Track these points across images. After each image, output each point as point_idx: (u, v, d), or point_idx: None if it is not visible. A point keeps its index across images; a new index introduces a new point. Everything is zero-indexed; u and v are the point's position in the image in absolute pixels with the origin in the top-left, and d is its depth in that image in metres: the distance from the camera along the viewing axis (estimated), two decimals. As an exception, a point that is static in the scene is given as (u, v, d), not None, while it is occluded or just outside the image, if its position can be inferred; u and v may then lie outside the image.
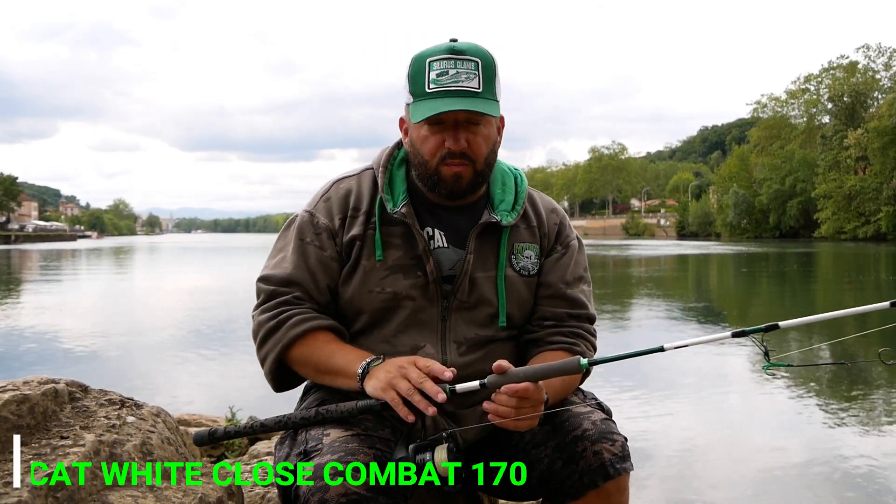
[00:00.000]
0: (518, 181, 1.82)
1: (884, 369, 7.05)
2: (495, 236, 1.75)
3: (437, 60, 1.61)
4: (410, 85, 1.65)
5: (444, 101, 1.59)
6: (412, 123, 1.67)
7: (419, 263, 1.70)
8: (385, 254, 1.70)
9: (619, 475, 1.54)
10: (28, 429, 1.32)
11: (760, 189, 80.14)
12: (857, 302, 1.68)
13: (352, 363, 1.60)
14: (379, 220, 1.71)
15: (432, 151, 1.65)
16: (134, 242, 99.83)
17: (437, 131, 1.63)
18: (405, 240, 1.71)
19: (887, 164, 63.44)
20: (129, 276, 27.33)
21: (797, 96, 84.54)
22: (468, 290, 1.71)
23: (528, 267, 1.78)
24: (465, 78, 1.61)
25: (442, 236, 1.73)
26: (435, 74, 1.61)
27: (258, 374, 1.76)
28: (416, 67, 1.63)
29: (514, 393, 1.44)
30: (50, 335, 10.39)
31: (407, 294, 1.69)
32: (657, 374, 7.27)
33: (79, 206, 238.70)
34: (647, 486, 4.06)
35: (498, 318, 1.73)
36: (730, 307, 15.21)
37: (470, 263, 1.71)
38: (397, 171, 1.77)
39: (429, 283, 1.70)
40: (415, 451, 1.46)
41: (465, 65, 1.61)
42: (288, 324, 1.66)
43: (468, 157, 1.65)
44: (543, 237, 1.81)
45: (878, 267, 27.49)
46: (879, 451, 4.78)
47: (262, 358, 1.71)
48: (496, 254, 1.75)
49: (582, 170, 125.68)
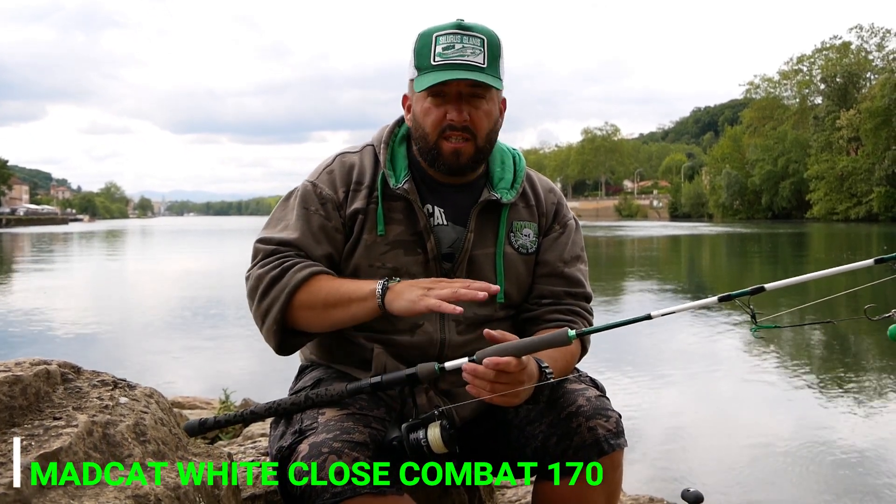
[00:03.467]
0: (517, 160, 1.83)
1: (875, 343, 7.10)
2: (495, 214, 1.75)
3: (444, 35, 1.63)
4: (416, 58, 1.65)
5: (448, 72, 1.60)
6: (415, 96, 1.68)
7: (420, 240, 1.70)
8: (387, 229, 1.70)
9: (613, 451, 1.54)
10: (21, 410, 1.32)
11: (753, 170, 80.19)
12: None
13: (365, 285, 1.57)
14: (381, 195, 1.71)
15: (434, 124, 1.65)
16: (126, 225, 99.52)
17: (439, 104, 1.64)
18: (406, 215, 1.71)
19: (879, 145, 63.49)
20: (121, 259, 27.25)
21: (790, 77, 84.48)
22: (467, 268, 1.72)
23: (527, 245, 1.78)
24: (470, 52, 1.62)
25: (441, 214, 1.73)
26: (441, 48, 1.62)
27: (251, 356, 1.76)
28: (423, 42, 1.64)
29: (495, 366, 1.41)
30: (42, 318, 10.37)
31: (407, 270, 1.69)
32: (647, 351, 7.31)
33: (70, 190, 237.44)
34: (636, 462, 4.09)
35: (496, 295, 1.73)
36: (719, 281, 15.28)
37: (470, 241, 1.72)
38: (398, 148, 1.77)
39: (429, 260, 1.70)
40: (408, 430, 1.45)
41: (471, 40, 1.62)
42: (292, 270, 1.62)
43: (469, 130, 1.65)
44: (542, 216, 1.82)
45: (869, 247, 27.60)
46: (869, 428, 4.83)
47: (264, 310, 1.63)
48: (495, 231, 1.75)
49: (575, 151, 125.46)
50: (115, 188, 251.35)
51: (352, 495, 1.38)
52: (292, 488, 1.44)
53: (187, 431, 1.59)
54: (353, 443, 1.44)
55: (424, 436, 1.44)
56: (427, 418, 1.46)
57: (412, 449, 1.44)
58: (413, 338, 1.69)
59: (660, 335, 8.25)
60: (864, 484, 3.90)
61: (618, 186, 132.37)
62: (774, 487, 3.89)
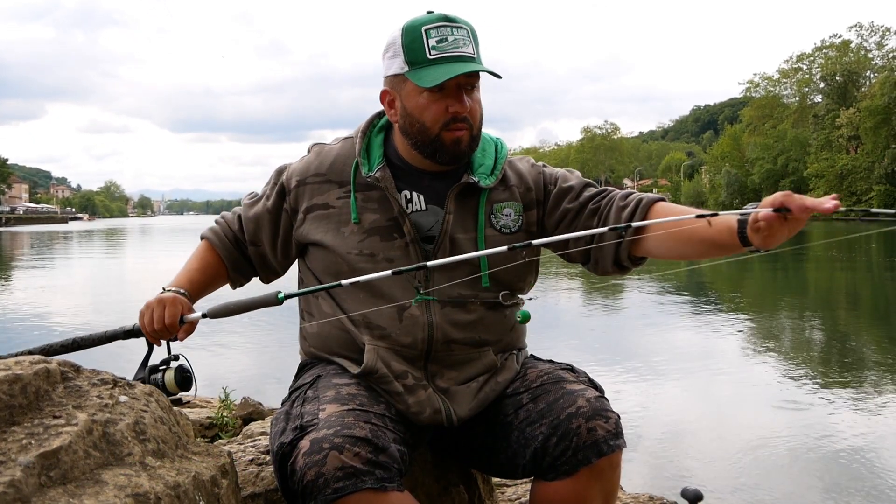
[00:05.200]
0: (498, 147, 1.84)
1: (873, 341, 7.10)
2: (474, 198, 1.76)
3: (434, 28, 1.63)
4: (407, 53, 1.65)
5: (451, 65, 1.61)
6: (406, 91, 1.68)
7: (396, 225, 1.72)
8: (361, 217, 1.73)
9: (612, 452, 1.55)
10: (20, 408, 1.32)
11: (752, 168, 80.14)
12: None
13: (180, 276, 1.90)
14: (354, 184, 1.74)
15: (435, 118, 1.66)
16: (126, 224, 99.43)
17: (438, 98, 1.65)
18: (381, 203, 1.73)
19: (879, 144, 63.47)
20: (121, 258, 27.23)
21: (789, 76, 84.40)
22: (448, 249, 1.72)
23: (509, 224, 1.79)
24: (462, 44, 1.64)
25: (420, 199, 1.75)
26: (435, 41, 1.62)
27: (251, 355, 1.79)
28: (412, 36, 1.64)
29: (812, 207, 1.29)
30: (42, 316, 10.37)
31: (385, 256, 1.71)
32: (647, 351, 7.31)
33: (70, 188, 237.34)
34: (636, 460, 4.09)
35: (480, 278, 1.74)
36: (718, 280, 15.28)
37: (449, 223, 1.73)
38: (375, 138, 1.80)
39: (408, 243, 1.71)
40: (150, 371, 1.77)
41: (459, 31, 1.65)
42: (208, 229, 1.97)
43: (468, 121, 1.67)
44: (528, 191, 1.81)
45: (868, 245, 27.58)
46: (867, 426, 4.83)
47: None
48: (475, 215, 1.76)
49: (574, 150, 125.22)
50: (115, 187, 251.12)
51: (353, 491, 1.39)
52: (293, 485, 1.45)
53: None
54: (355, 438, 1.44)
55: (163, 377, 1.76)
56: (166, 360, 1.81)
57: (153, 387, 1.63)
58: (402, 323, 1.70)
59: (660, 335, 8.25)
60: (863, 481, 3.91)
61: (618, 185, 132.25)
62: (774, 485, 3.90)
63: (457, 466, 1.97)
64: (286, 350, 1.70)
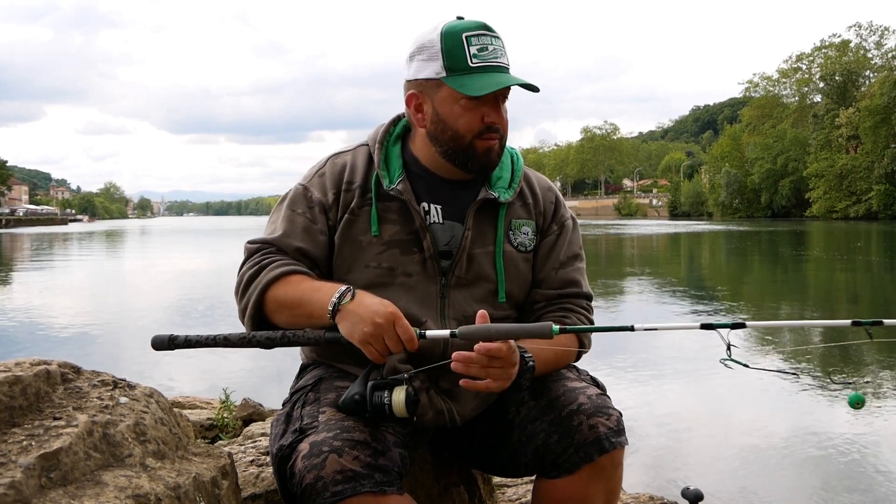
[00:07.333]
0: (514, 159, 1.83)
1: (872, 344, 7.10)
2: (493, 213, 1.75)
3: (474, 35, 1.62)
4: (447, 59, 1.62)
5: (494, 76, 1.61)
6: (441, 96, 1.65)
7: (416, 239, 1.70)
8: (381, 229, 1.70)
9: (614, 449, 1.55)
10: (21, 410, 1.32)
11: (752, 168, 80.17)
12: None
13: (323, 301, 1.57)
14: (375, 195, 1.71)
15: (469, 126, 1.65)
16: (126, 226, 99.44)
17: (474, 106, 1.63)
18: (402, 215, 1.71)
19: (878, 143, 63.54)
20: (121, 259, 27.23)
21: (789, 75, 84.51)
22: (466, 266, 1.72)
23: (526, 243, 1.78)
24: (500, 54, 1.64)
25: (438, 211, 1.73)
26: (475, 49, 1.62)
27: (251, 356, 1.76)
28: (453, 41, 1.62)
29: (487, 352, 1.46)
30: (42, 318, 10.36)
31: (404, 270, 1.69)
32: (647, 351, 7.30)
33: (70, 190, 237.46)
34: (636, 460, 4.09)
35: (497, 294, 1.74)
36: (717, 281, 15.27)
37: (468, 240, 1.71)
38: (392, 148, 1.77)
39: (426, 258, 1.70)
40: (373, 389, 1.48)
41: (497, 41, 1.65)
42: (267, 268, 1.65)
43: (500, 131, 1.68)
44: (539, 215, 1.82)
45: (868, 246, 27.60)
46: (866, 426, 4.83)
47: (242, 309, 1.68)
48: (494, 230, 1.75)
49: (574, 150, 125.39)
50: (115, 188, 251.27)
51: (352, 494, 1.39)
52: (293, 487, 1.45)
53: (154, 346, 1.60)
54: (354, 441, 1.44)
55: (389, 396, 1.47)
56: (395, 380, 1.50)
57: (374, 407, 1.46)
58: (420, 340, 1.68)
59: (660, 335, 8.25)
60: (862, 481, 3.91)
61: (617, 185, 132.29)
62: (774, 485, 3.89)
63: (457, 466, 1.97)
64: (287, 351, 1.71)
